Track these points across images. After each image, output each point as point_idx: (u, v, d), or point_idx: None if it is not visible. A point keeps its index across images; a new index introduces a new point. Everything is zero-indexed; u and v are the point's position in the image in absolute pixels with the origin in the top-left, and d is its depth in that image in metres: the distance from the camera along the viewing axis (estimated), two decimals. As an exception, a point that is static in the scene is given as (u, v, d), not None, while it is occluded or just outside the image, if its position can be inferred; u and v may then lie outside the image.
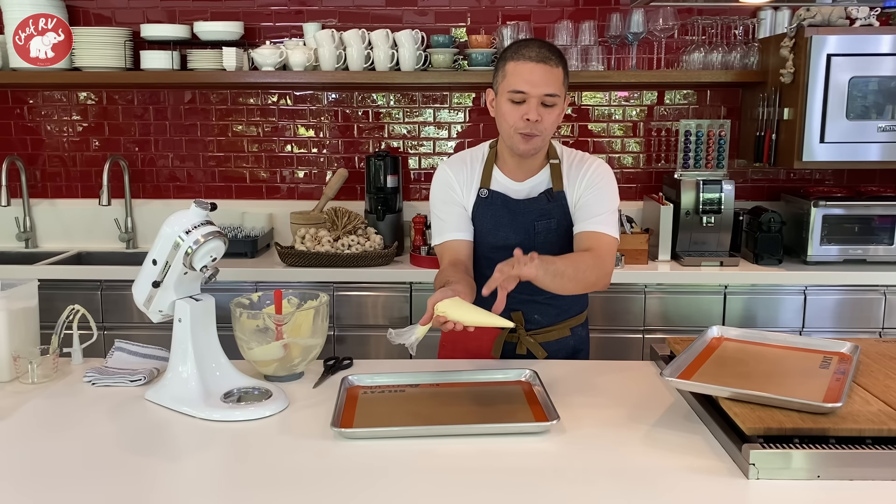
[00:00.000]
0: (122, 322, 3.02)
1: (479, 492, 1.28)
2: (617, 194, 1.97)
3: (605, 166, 1.97)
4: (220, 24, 3.28)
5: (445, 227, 1.96)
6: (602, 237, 1.89)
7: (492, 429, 1.49)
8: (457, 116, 3.53)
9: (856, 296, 2.99)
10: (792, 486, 1.28)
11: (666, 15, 3.21)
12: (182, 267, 1.62)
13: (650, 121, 3.52)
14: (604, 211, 1.91)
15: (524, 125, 1.81)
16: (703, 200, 3.12)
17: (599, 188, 1.92)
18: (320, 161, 3.57)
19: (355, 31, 3.20)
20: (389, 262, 3.12)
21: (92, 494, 1.28)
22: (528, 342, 1.99)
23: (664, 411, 1.61)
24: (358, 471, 1.35)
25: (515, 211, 1.94)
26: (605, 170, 1.96)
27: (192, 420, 1.58)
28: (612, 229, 1.92)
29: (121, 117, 3.55)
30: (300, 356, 1.78)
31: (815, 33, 2.90)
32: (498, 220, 1.95)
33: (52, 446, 1.46)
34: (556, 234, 1.95)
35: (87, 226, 3.56)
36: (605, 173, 1.95)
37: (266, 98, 3.53)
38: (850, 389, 1.47)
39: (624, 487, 1.29)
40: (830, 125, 2.95)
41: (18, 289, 1.81)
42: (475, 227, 1.97)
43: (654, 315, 3.01)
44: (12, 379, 1.79)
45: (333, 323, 3.02)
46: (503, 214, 1.94)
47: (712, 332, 1.83)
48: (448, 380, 1.75)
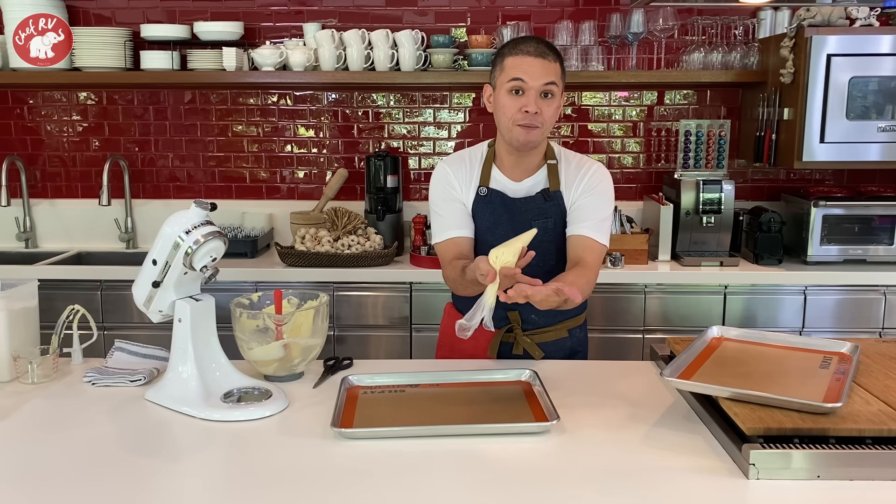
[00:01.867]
0: (122, 322, 3.02)
1: (479, 492, 1.28)
2: (613, 199, 1.97)
3: (603, 170, 1.97)
4: (220, 24, 3.28)
5: (446, 223, 1.97)
6: (594, 245, 1.91)
7: (492, 429, 1.49)
8: (457, 116, 3.53)
9: (856, 296, 2.99)
10: (792, 486, 1.28)
11: (666, 15, 3.21)
12: (182, 267, 1.62)
13: (650, 121, 3.52)
14: (599, 217, 1.92)
15: (523, 116, 1.82)
16: (703, 200, 3.12)
17: (596, 193, 1.93)
18: (320, 161, 3.57)
19: (355, 31, 3.20)
20: (389, 262, 3.12)
21: (92, 494, 1.28)
22: (524, 342, 1.99)
23: (664, 411, 1.61)
24: (358, 471, 1.35)
25: (513, 209, 1.95)
26: (603, 174, 1.96)
27: (192, 420, 1.58)
28: (603, 237, 1.93)
29: (121, 117, 3.55)
30: (300, 356, 1.78)
31: (815, 33, 2.90)
32: (496, 219, 1.95)
33: (51, 446, 1.46)
34: (553, 233, 1.95)
35: (87, 226, 3.56)
36: (604, 178, 1.96)
37: (266, 98, 3.53)
38: (850, 389, 1.47)
39: (624, 487, 1.29)
40: (830, 125, 2.95)
41: (18, 289, 1.81)
42: (474, 225, 1.98)
43: (654, 315, 3.01)
44: (12, 379, 1.79)
45: (333, 323, 3.02)
46: (501, 213, 1.95)
47: (712, 332, 1.83)
48: (448, 380, 1.75)
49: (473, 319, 1.59)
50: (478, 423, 1.52)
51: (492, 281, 1.59)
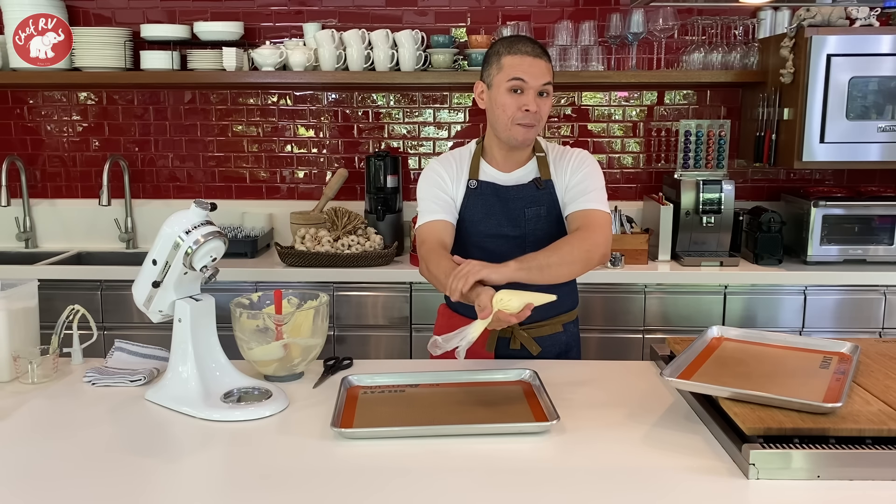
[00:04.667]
0: (122, 322, 3.02)
1: (479, 492, 1.28)
2: (602, 176, 2.01)
3: (585, 153, 2.03)
4: (220, 25, 3.28)
5: (432, 208, 1.98)
6: (592, 213, 1.93)
7: (492, 429, 1.49)
8: (457, 116, 3.53)
9: (856, 296, 2.99)
10: (792, 486, 1.28)
11: (666, 15, 3.21)
12: (182, 267, 1.62)
13: (650, 121, 3.52)
14: (592, 189, 1.96)
15: (523, 115, 1.87)
16: (703, 200, 3.12)
17: (585, 171, 1.98)
18: (320, 161, 3.57)
19: (355, 32, 3.20)
20: (389, 262, 3.12)
21: (92, 495, 1.28)
22: (521, 336, 2.00)
23: (664, 411, 1.61)
24: (358, 471, 1.35)
25: (506, 198, 1.97)
26: (586, 155, 2.02)
27: (192, 420, 1.58)
28: (602, 205, 1.96)
29: (121, 117, 3.54)
30: (300, 356, 1.78)
31: (815, 33, 2.90)
32: (489, 209, 1.98)
33: (51, 446, 1.46)
34: (547, 221, 1.98)
35: (87, 226, 3.56)
36: (588, 158, 2.01)
37: (266, 98, 3.53)
38: (850, 389, 1.47)
39: (624, 487, 1.29)
40: (830, 125, 2.95)
41: (18, 289, 1.81)
42: (467, 218, 2.00)
43: (653, 315, 3.01)
44: (12, 379, 1.79)
45: (333, 323, 3.02)
46: (494, 203, 1.98)
47: (712, 332, 1.83)
48: (448, 380, 1.75)
49: (450, 343, 1.61)
50: (478, 423, 1.52)
51: (485, 317, 1.62)
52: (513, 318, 1.62)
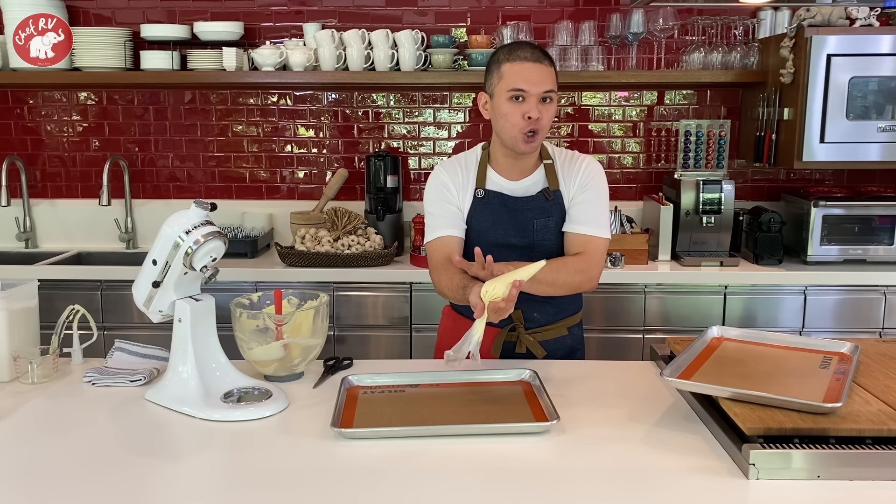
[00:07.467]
0: (122, 322, 3.02)
1: (479, 492, 1.28)
2: (607, 192, 2.00)
3: (595, 163, 2.01)
4: (220, 25, 3.28)
5: (440, 223, 1.98)
6: (592, 241, 1.93)
7: (492, 429, 1.49)
8: (457, 116, 3.53)
9: (856, 296, 2.99)
10: (792, 486, 1.28)
11: (666, 15, 3.21)
12: (182, 267, 1.62)
13: (650, 121, 3.52)
14: (595, 214, 1.95)
15: (526, 124, 1.84)
16: (703, 200, 3.12)
17: (591, 189, 1.96)
18: (320, 161, 3.57)
19: (355, 32, 3.20)
20: (389, 262, 3.12)
21: (92, 495, 1.28)
22: (527, 340, 2.00)
23: (664, 411, 1.61)
24: (358, 471, 1.35)
25: (514, 209, 1.96)
26: (595, 167, 2.00)
27: (192, 420, 1.58)
28: (603, 231, 1.95)
29: (121, 117, 3.55)
30: (300, 356, 1.78)
31: (815, 33, 2.90)
32: (497, 218, 1.96)
33: (52, 446, 1.46)
34: (555, 231, 1.97)
35: (87, 226, 3.56)
36: (597, 172, 1.99)
37: (266, 98, 3.53)
38: (850, 389, 1.47)
39: (624, 487, 1.29)
40: (830, 125, 2.95)
41: (18, 289, 1.81)
42: (473, 227, 1.98)
43: (653, 315, 3.01)
44: (12, 379, 1.79)
45: (333, 323, 3.02)
46: (502, 212, 1.96)
47: (712, 332, 1.83)
48: (448, 380, 1.75)
49: (461, 351, 1.61)
50: (478, 423, 1.52)
51: (480, 315, 1.61)
52: (502, 303, 1.60)
